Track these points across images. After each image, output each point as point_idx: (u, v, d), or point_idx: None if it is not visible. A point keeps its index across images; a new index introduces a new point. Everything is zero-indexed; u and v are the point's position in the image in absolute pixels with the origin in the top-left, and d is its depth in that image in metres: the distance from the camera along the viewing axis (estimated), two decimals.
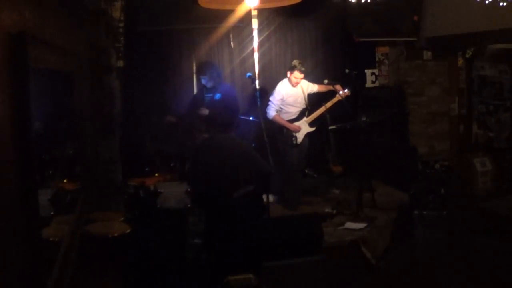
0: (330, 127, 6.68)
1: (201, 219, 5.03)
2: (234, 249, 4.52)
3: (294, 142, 6.31)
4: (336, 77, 6.72)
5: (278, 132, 6.32)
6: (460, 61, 8.17)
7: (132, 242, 3.98)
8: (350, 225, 5.69)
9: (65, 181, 3.60)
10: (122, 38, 5.77)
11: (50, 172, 3.20)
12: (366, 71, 8.07)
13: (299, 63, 6.23)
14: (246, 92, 7.49)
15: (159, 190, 5.54)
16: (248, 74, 6.21)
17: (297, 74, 6.22)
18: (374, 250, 5.43)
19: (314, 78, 6.75)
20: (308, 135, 6.42)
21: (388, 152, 7.43)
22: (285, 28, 7.68)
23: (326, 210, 6.13)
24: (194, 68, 7.35)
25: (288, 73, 6.30)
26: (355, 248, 5.34)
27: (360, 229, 5.59)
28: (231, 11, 6.80)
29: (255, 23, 6.54)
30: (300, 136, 6.34)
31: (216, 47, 7.49)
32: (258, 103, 5.92)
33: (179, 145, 6.50)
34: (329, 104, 6.38)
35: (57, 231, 2.97)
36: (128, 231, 3.87)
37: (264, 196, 5.87)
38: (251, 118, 6.79)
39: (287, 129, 6.30)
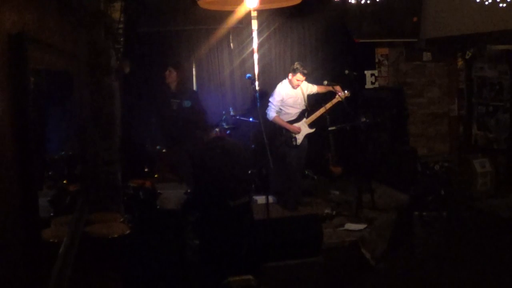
0: (330, 128, 6.68)
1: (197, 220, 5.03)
2: (232, 251, 4.53)
3: (294, 143, 6.31)
4: (336, 78, 6.72)
5: (278, 133, 6.31)
6: (460, 62, 8.18)
7: (131, 243, 3.98)
8: (349, 226, 5.69)
9: (65, 182, 3.60)
10: (121, 39, 5.77)
11: (50, 173, 3.20)
12: (365, 72, 8.08)
13: (301, 66, 6.21)
14: (246, 93, 7.50)
15: (158, 191, 5.54)
16: (248, 75, 6.20)
17: (299, 77, 6.21)
18: (374, 251, 5.43)
19: (314, 79, 6.75)
20: (307, 136, 6.42)
21: (387, 153, 7.43)
22: (285, 29, 7.69)
23: (326, 211, 6.13)
24: (194, 69, 7.36)
25: (290, 75, 6.28)
26: (355, 249, 5.34)
27: (360, 230, 5.59)
28: (231, 12, 6.81)
29: (254, 24, 6.55)
30: (299, 137, 6.33)
31: (216, 48, 7.49)
32: (258, 104, 5.92)
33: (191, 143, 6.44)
34: (328, 105, 6.38)
35: (57, 232, 2.97)
36: (128, 232, 3.87)
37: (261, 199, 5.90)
38: (250, 119, 6.79)
39: (287, 130, 6.30)
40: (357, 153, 6.53)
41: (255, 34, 6.59)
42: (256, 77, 6.60)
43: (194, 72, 7.34)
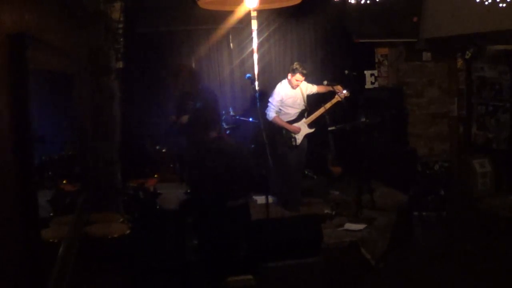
0: (330, 128, 6.68)
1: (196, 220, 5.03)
2: (231, 252, 4.53)
3: (294, 143, 6.31)
4: (336, 78, 6.72)
5: (278, 133, 6.31)
6: (460, 62, 8.17)
7: (131, 243, 3.98)
8: (349, 226, 5.70)
9: (64, 182, 3.60)
10: (121, 40, 5.77)
11: (50, 173, 3.21)
12: (365, 72, 8.08)
13: (301, 66, 6.21)
14: (246, 93, 7.49)
15: (158, 191, 5.54)
16: (248, 75, 6.20)
17: (298, 77, 6.21)
18: (374, 251, 5.43)
19: (314, 79, 6.75)
20: (307, 136, 6.42)
21: (387, 153, 7.43)
22: (285, 29, 7.69)
23: (326, 211, 6.13)
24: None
25: (289, 75, 6.28)
26: (355, 249, 5.34)
27: (360, 230, 5.60)
28: (231, 12, 6.80)
29: (254, 24, 6.54)
30: (299, 137, 6.34)
31: (216, 48, 7.49)
32: (258, 104, 5.92)
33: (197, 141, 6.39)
34: (328, 105, 6.38)
35: (57, 232, 2.97)
36: (128, 232, 3.88)
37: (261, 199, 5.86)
38: (250, 119, 6.79)
39: (287, 130, 6.30)
40: (356, 153, 6.52)
41: (255, 34, 6.59)
42: (256, 77, 6.59)
43: None
